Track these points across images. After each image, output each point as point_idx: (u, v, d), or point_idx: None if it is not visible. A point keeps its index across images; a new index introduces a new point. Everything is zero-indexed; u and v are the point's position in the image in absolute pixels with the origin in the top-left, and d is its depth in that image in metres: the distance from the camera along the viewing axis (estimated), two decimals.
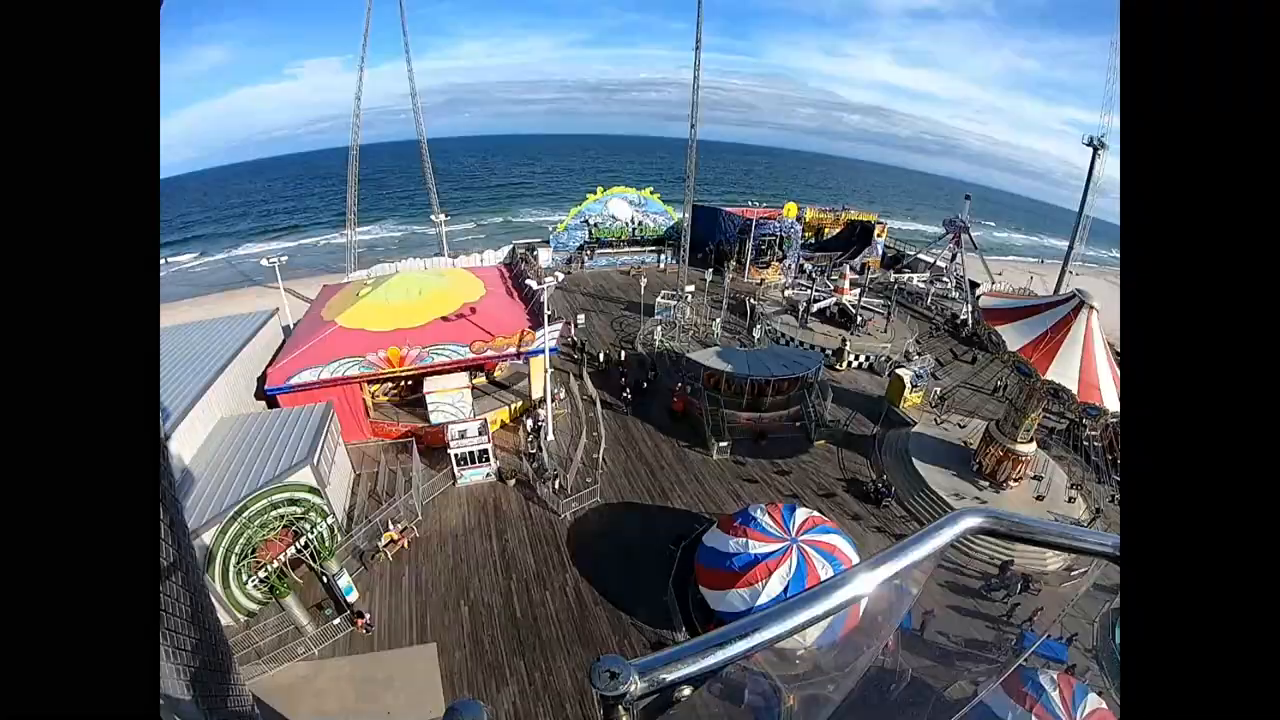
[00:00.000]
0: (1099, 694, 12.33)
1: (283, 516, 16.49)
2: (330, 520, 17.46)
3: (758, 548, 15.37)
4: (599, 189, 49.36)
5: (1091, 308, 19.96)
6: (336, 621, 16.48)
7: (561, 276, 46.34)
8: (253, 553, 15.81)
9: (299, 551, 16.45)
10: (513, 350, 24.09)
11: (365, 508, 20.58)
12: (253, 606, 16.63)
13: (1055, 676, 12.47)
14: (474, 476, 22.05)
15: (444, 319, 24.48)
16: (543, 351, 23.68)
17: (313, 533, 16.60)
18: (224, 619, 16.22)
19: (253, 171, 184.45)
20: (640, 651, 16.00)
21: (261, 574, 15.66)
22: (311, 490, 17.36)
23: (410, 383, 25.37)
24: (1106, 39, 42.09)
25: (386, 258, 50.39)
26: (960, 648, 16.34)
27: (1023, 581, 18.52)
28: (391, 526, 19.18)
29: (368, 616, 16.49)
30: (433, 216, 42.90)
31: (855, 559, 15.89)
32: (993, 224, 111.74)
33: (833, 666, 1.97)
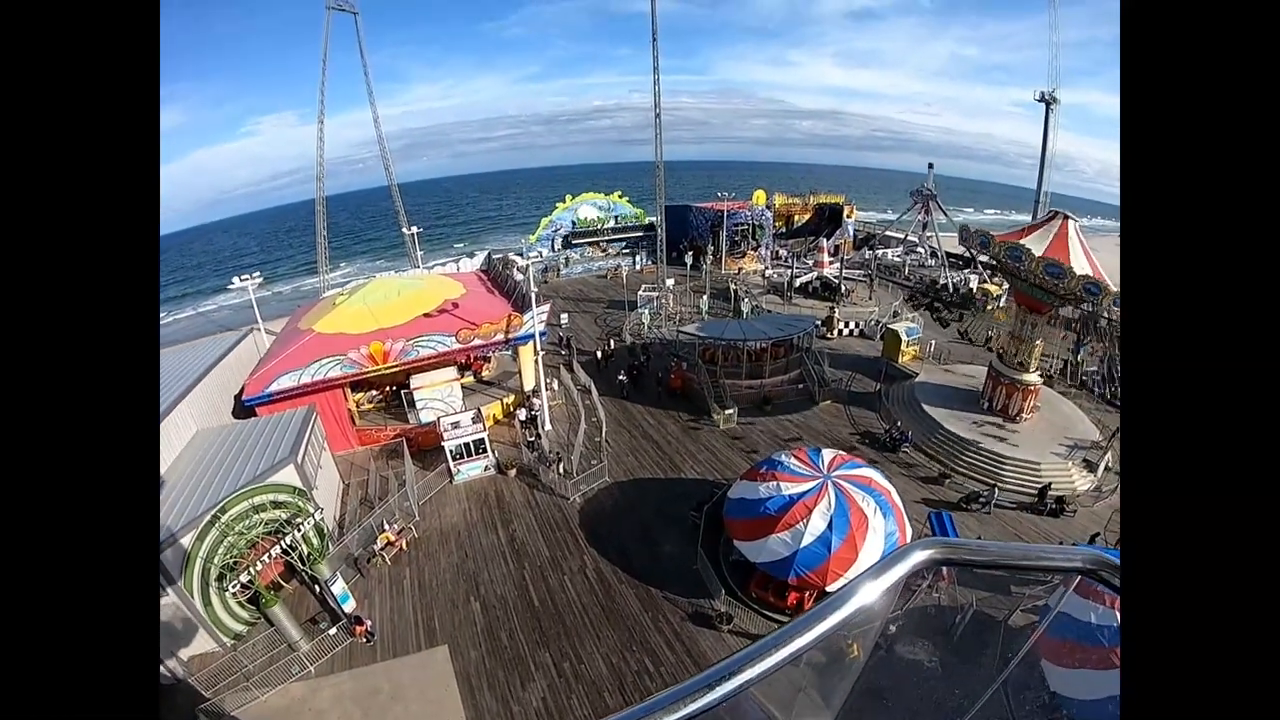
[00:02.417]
0: None
1: (266, 521, 14.96)
2: (319, 516, 15.89)
3: (791, 489, 14.36)
4: (568, 197, 49.17)
5: (1068, 217, 20.11)
6: (333, 632, 14.81)
7: (545, 253, 45.44)
8: (234, 565, 14.20)
9: (285, 553, 14.80)
10: (500, 337, 22.86)
11: (357, 515, 18.99)
12: (238, 627, 14.95)
13: None
14: (472, 471, 20.68)
15: (426, 315, 23.28)
16: (532, 336, 22.57)
17: (299, 533, 15.00)
18: (207, 644, 14.51)
19: (217, 230, 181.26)
20: (677, 626, 14.86)
21: (245, 578, 13.94)
22: (296, 491, 15.88)
23: (395, 387, 23.99)
24: (1040, 19, 45.81)
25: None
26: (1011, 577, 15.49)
27: (1056, 503, 18.22)
28: (387, 527, 17.70)
29: (367, 623, 14.90)
30: (403, 229, 41.77)
31: (892, 489, 15.01)
32: (970, 209, 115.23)
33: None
